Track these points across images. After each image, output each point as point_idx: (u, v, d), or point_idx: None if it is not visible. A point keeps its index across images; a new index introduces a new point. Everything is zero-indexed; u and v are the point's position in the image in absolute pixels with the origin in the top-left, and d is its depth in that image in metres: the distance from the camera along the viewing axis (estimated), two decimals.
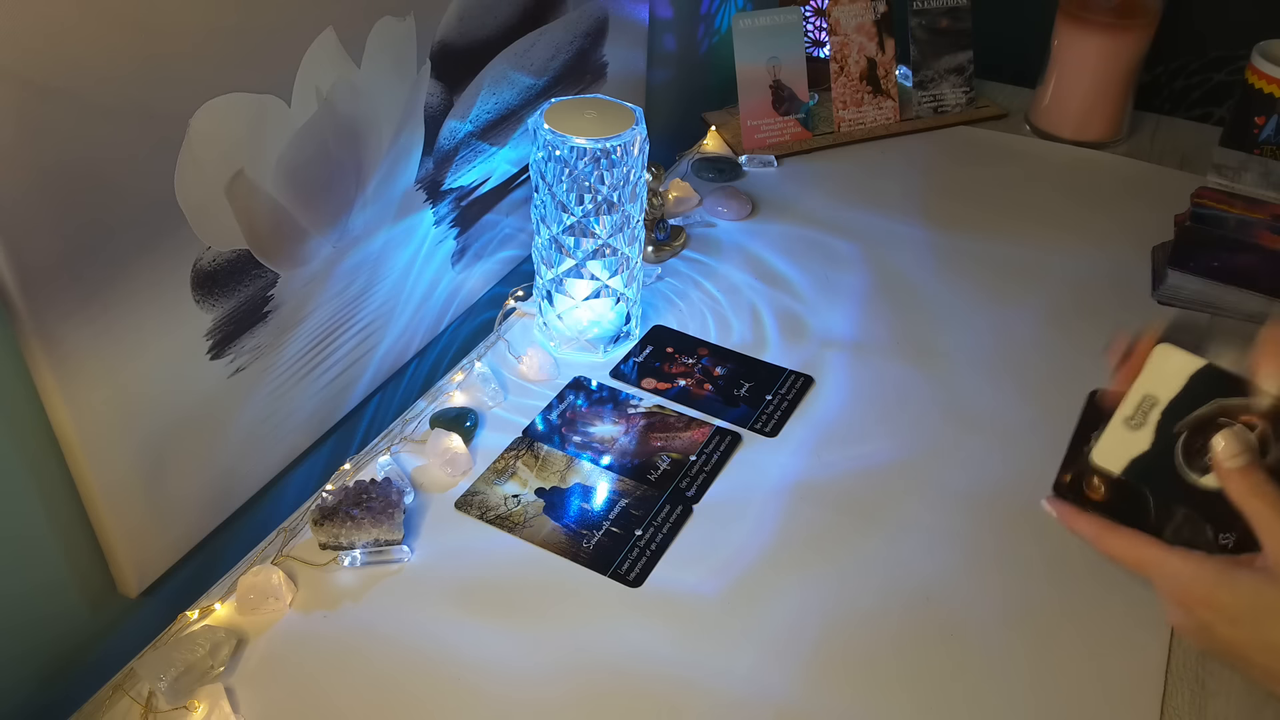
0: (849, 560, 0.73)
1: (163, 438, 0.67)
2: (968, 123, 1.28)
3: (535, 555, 0.73)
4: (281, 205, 0.70)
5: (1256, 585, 0.51)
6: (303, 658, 0.66)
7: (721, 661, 0.66)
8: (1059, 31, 1.21)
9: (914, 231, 1.08)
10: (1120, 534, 0.56)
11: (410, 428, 0.83)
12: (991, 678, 0.66)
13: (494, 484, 0.78)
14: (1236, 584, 0.51)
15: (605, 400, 0.86)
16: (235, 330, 0.70)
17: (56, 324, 0.58)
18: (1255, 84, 1.15)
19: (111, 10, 0.55)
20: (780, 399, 0.86)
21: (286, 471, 0.81)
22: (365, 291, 0.82)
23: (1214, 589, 0.52)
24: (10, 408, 0.59)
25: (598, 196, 0.82)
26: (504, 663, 0.66)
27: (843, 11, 1.21)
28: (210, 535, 0.75)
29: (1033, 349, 0.92)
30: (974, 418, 0.85)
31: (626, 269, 0.87)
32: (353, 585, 0.71)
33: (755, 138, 1.19)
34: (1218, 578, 0.52)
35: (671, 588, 0.71)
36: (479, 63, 0.87)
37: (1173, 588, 0.54)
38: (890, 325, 0.95)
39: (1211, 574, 0.52)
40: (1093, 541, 0.57)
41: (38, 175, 0.54)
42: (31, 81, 0.52)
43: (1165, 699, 0.66)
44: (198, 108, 0.62)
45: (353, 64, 0.73)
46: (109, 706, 0.64)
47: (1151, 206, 1.11)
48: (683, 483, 0.78)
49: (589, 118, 0.82)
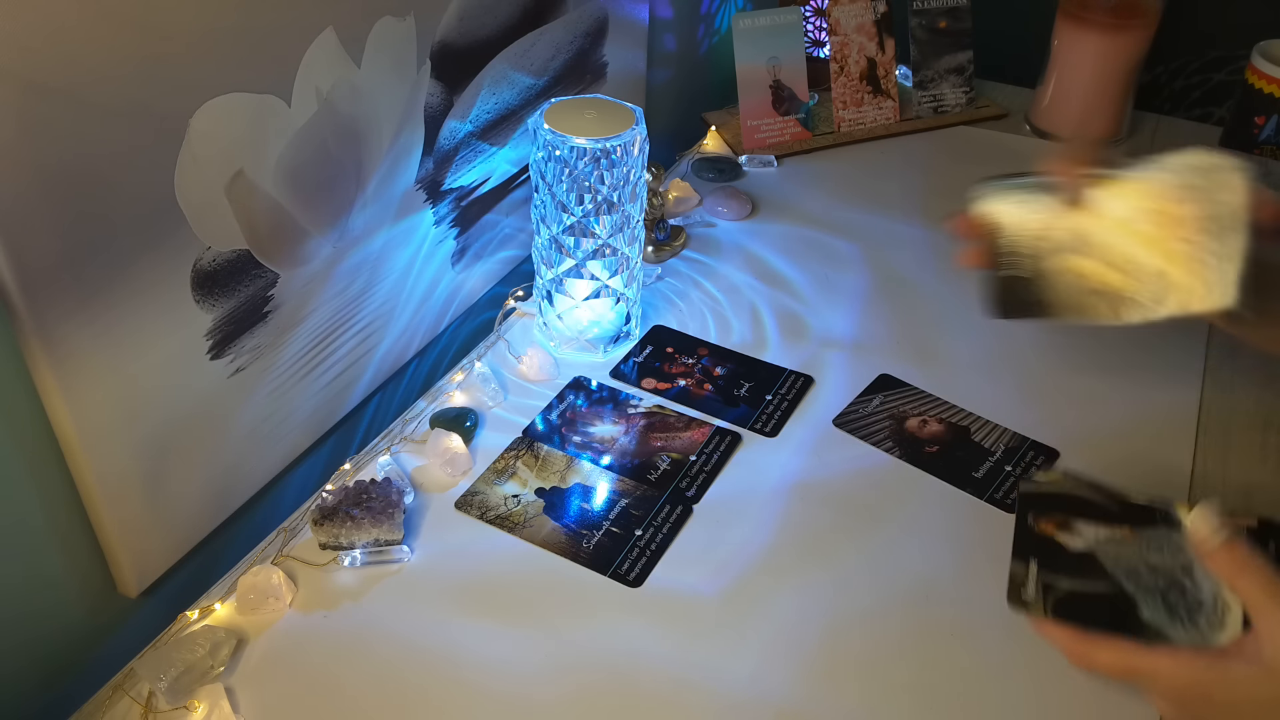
0: (849, 560, 0.73)
1: (163, 437, 0.67)
2: (968, 123, 1.28)
3: (535, 555, 0.73)
4: (281, 205, 0.70)
5: (1253, 679, 0.49)
6: (303, 658, 0.66)
7: (721, 661, 0.66)
8: (1059, 31, 1.21)
9: (914, 231, 1.08)
10: (1101, 646, 0.53)
11: (410, 428, 0.83)
12: (991, 677, 0.66)
13: (494, 484, 0.78)
14: (1231, 680, 0.50)
15: (605, 400, 0.86)
16: (235, 330, 0.70)
17: (56, 324, 0.58)
18: (1255, 84, 1.15)
19: (111, 10, 0.55)
20: (780, 399, 0.86)
21: (286, 471, 0.81)
22: (365, 291, 0.82)
23: (1209, 687, 0.50)
24: (10, 407, 0.59)
25: (598, 196, 0.82)
26: (504, 662, 0.66)
27: (843, 11, 1.21)
28: (210, 535, 0.75)
29: (1032, 349, 0.92)
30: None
31: (626, 269, 0.87)
32: (353, 585, 0.71)
33: (755, 138, 1.20)
34: (1212, 675, 0.50)
35: (671, 588, 0.71)
36: (479, 63, 0.87)
37: (1165, 689, 0.52)
38: (890, 325, 0.95)
39: (1205, 672, 0.50)
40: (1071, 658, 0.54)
41: (38, 175, 0.54)
42: (31, 81, 0.52)
43: None
44: (198, 108, 0.62)
45: (353, 64, 0.73)
46: (109, 706, 0.64)
47: None
48: (683, 483, 0.78)
49: (589, 118, 0.82)
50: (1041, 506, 0.58)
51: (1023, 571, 0.57)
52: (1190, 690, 0.51)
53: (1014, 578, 0.57)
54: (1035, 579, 0.56)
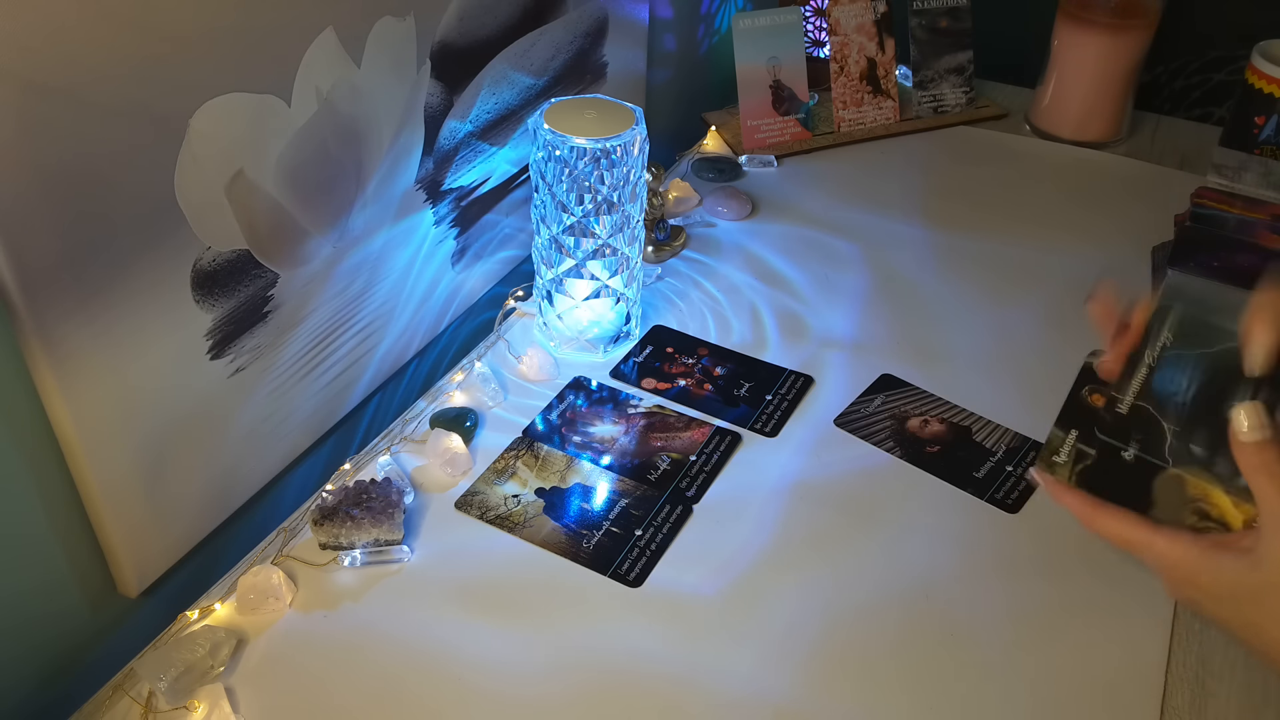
0: (848, 560, 0.73)
1: (163, 438, 0.67)
2: (968, 123, 1.28)
3: (535, 555, 0.73)
4: (281, 205, 0.70)
5: (1238, 569, 0.51)
6: (303, 658, 0.66)
7: (721, 661, 0.66)
8: (1059, 31, 1.21)
9: (914, 231, 1.08)
10: (1109, 513, 0.56)
11: (410, 428, 0.83)
12: (991, 677, 0.66)
13: (494, 484, 0.78)
14: (1219, 567, 0.52)
15: (605, 400, 0.86)
16: (235, 330, 0.70)
17: (56, 324, 0.58)
18: (1255, 84, 1.15)
19: (111, 10, 0.55)
20: (780, 399, 0.86)
21: (286, 471, 0.81)
22: (365, 291, 0.82)
23: (1198, 572, 0.53)
24: (10, 408, 0.59)
25: (598, 196, 0.82)
26: (504, 662, 0.66)
27: (843, 11, 1.21)
28: (210, 535, 0.75)
29: (1032, 349, 0.92)
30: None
31: (626, 269, 0.87)
32: (353, 585, 0.71)
33: (755, 138, 1.19)
34: (1201, 561, 0.53)
35: (671, 588, 0.71)
36: (479, 63, 0.87)
37: (1160, 567, 0.55)
38: (890, 325, 0.95)
39: (1195, 557, 0.53)
40: (1080, 518, 0.57)
41: (38, 175, 0.54)
42: (31, 81, 0.52)
43: (1165, 699, 0.66)
44: (198, 108, 0.62)
45: (353, 64, 0.73)
46: (109, 706, 0.64)
47: (1151, 206, 1.11)
48: (683, 483, 0.78)
49: (589, 118, 0.82)
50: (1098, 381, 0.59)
51: (1061, 437, 0.59)
52: (1179, 570, 0.53)
53: (1051, 441, 0.59)
54: (1071, 447, 0.58)
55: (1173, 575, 0.54)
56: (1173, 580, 0.54)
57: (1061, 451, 0.59)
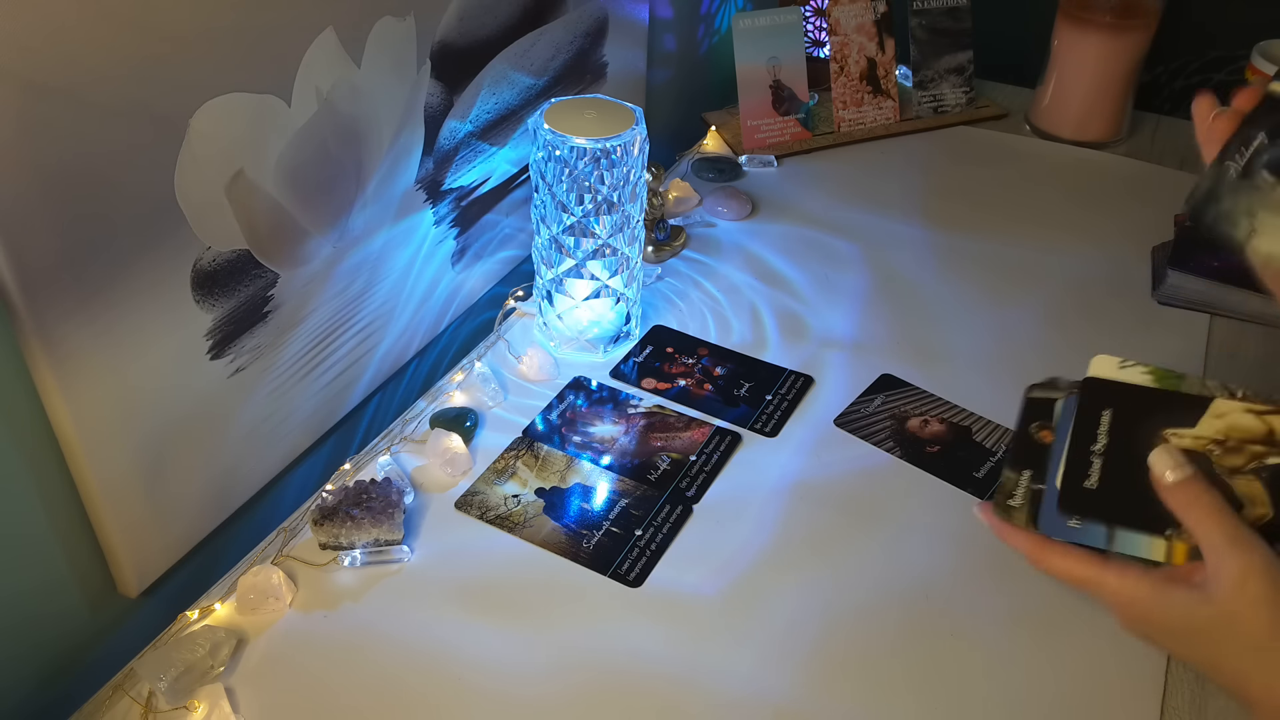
0: (848, 560, 0.73)
1: (163, 437, 0.67)
2: (968, 123, 1.28)
3: (535, 555, 0.73)
4: (281, 205, 0.70)
5: (1188, 605, 0.51)
6: (303, 658, 0.66)
7: (721, 661, 0.66)
8: (1059, 31, 1.21)
9: (914, 231, 1.08)
10: (1058, 551, 0.55)
11: (410, 428, 0.83)
12: (991, 677, 0.66)
13: (494, 484, 0.78)
14: (1170, 603, 0.51)
15: (605, 400, 0.86)
16: (235, 330, 0.70)
17: (56, 324, 0.58)
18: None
19: (111, 10, 0.55)
20: (780, 399, 0.86)
21: (286, 471, 0.81)
22: (365, 291, 0.82)
23: (1149, 608, 0.52)
24: (10, 408, 0.59)
25: (598, 196, 0.82)
26: (504, 662, 0.66)
27: (843, 11, 1.21)
28: (210, 535, 0.75)
29: (1032, 349, 0.92)
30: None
31: (626, 269, 0.87)
32: (353, 585, 0.71)
33: (755, 138, 1.19)
34: (1152, 598, 0.52)
35: (671, 588, 0.71)
36: (479, 63, 0.87)
37: (1113, 605, 0.54)
38: (890, 325, 0.95)
39: (1146, 593, 0.52)
40: (1029, 558, 0.56)
41: (38, 175, 0.54)
42: (31, 81, 0.52)
43: (1165, 699, 0.66)
44: (198, 108, 0.62)
45: (353, 64, 0.73)
46: (109, 706, 0.64)
47: (1151, 206, 1.11)
48: (683, 483, 0.78)
49: (589, 118, 0.82)
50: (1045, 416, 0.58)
51: (1014, 479, 0.57)
52: (1132, 608, 0.53)
53: (1004, 484, 0.57)
54: (1025, 489, 0.57)
55: (1126, 613, 0.53)
56: (1126, 617, 0.54)
57: (1016, 495, 0.57)
